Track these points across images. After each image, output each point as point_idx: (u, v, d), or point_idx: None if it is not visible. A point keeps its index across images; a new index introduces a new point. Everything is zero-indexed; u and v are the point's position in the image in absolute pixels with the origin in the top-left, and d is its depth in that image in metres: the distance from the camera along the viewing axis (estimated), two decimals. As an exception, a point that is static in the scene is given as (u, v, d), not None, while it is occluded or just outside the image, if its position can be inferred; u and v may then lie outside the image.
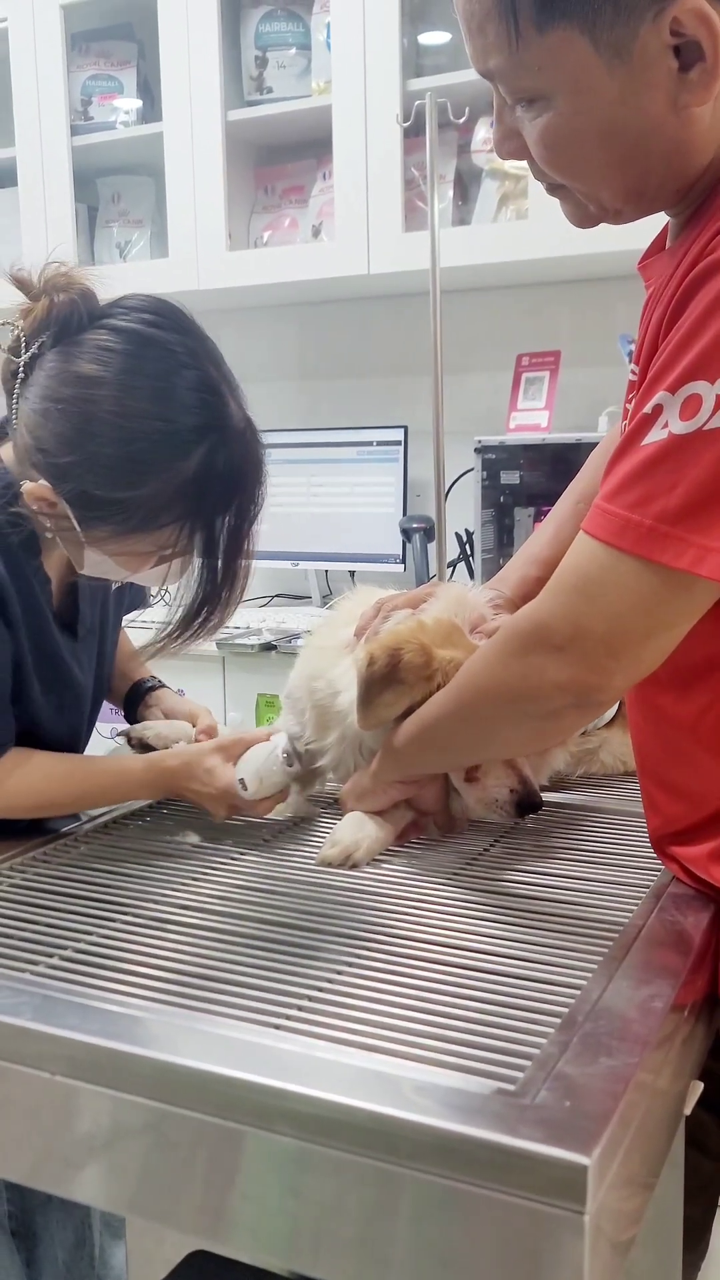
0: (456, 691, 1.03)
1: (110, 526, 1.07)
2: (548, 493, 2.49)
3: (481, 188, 2.56)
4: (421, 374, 2.49)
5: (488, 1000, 0.81)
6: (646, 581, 0.83)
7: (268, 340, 3.04)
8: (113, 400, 1.03)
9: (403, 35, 2.48)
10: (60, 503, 1.07)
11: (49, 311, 1.07)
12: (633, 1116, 0.70)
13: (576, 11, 0.83)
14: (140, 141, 2.86)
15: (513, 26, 0.85)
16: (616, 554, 0.84)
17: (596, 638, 0.86)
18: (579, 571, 0.87)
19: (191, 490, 1.05)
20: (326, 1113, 0.69)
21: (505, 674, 0.94)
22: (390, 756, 1.12)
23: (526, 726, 0.97)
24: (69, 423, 1.04)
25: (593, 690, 0.89)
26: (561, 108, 0.87)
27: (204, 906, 0.99)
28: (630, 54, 0.83)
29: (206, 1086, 0.72)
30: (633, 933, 0.92)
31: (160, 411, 1.04)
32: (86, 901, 1.00)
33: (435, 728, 1.05)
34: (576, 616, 0.87)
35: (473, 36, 0.89)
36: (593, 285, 2.67)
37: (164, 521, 1.07)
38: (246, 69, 2.73)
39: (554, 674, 0.89)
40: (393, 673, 1.08)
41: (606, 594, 0.85)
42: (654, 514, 0.82)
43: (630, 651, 0.87)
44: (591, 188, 0.92)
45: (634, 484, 0.83)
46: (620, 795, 1.31)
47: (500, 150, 0.95)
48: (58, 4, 2.83)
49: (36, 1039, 0.78)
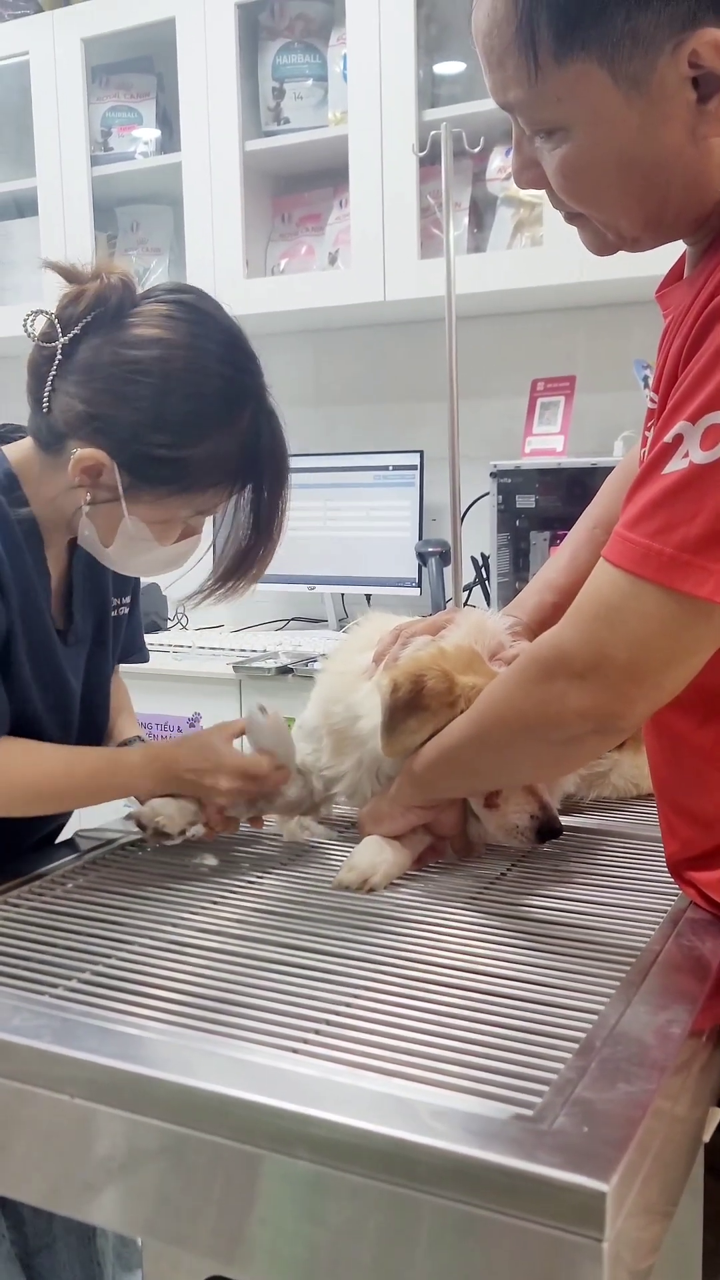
0: (477, 717, 1.03)
1: (162, 489, 1.14)
2: (563, 517, 2.49)
3: (496, 215, 2.58)
4: (437, 399, 2.50)
5: (505, 1025, 0.81)
6: (668, 609, 0.84)
7: (284, 366, 3.06)
8: (182, 359, 1.11)
9: (418, 66, 2.51)
10: (110, 468, 1.12)
11: (100, 291, 1.13)
12: (651, 1143, 0.70)
13: (596, 44, 0.84)
14: (159, 171, 2.90)
15: (532, 59, 0.86)
16: (638, 582, 0.84)
17: (618, 665, 0.87)
18: (600, 599, 0.88)
19: (239, 452, 1.15)
20: (344, 1137, 0.69)
21: (526, 701, 0.95)
22: (410, 781, 1.12)
23: (547, 753, 0.97)
24: (132, 387, 1.11)
25: (614, 716, 0.89)
26: (580, 139, 0.88)
27: (222, 930, 0.99)
28: (648, 86, 0.84)
29: (224, 1110, 0.72)
30: (650, 958, 0.92)
31: (221, 370, 1.13)
32: (105, 924, 1.01)
33: (456, 753, 1.06)
34: (598, 644, 0.87)
35: (492, 70, 0.90)
36: (608, 311, 2.69)
37: (214, 480, 1.15)
38: (264, 100, 2.77)
39: (575, 701, 0.89)
40: (417, 699, 1.08)
41: (628, 621, 0.85)
42: (675, 542, 0.82)
43: (651, 679, 0.87)
44: (610, 217, 0.93)
45: (655, 512, 0.83)
46: (635, 819, 1.30)
47: (519, 180, 0.97)
48: (79, 37, 2.88)
49: (56, 1062, 0.78)
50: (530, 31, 0.85)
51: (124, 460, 1.13)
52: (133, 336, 1.12)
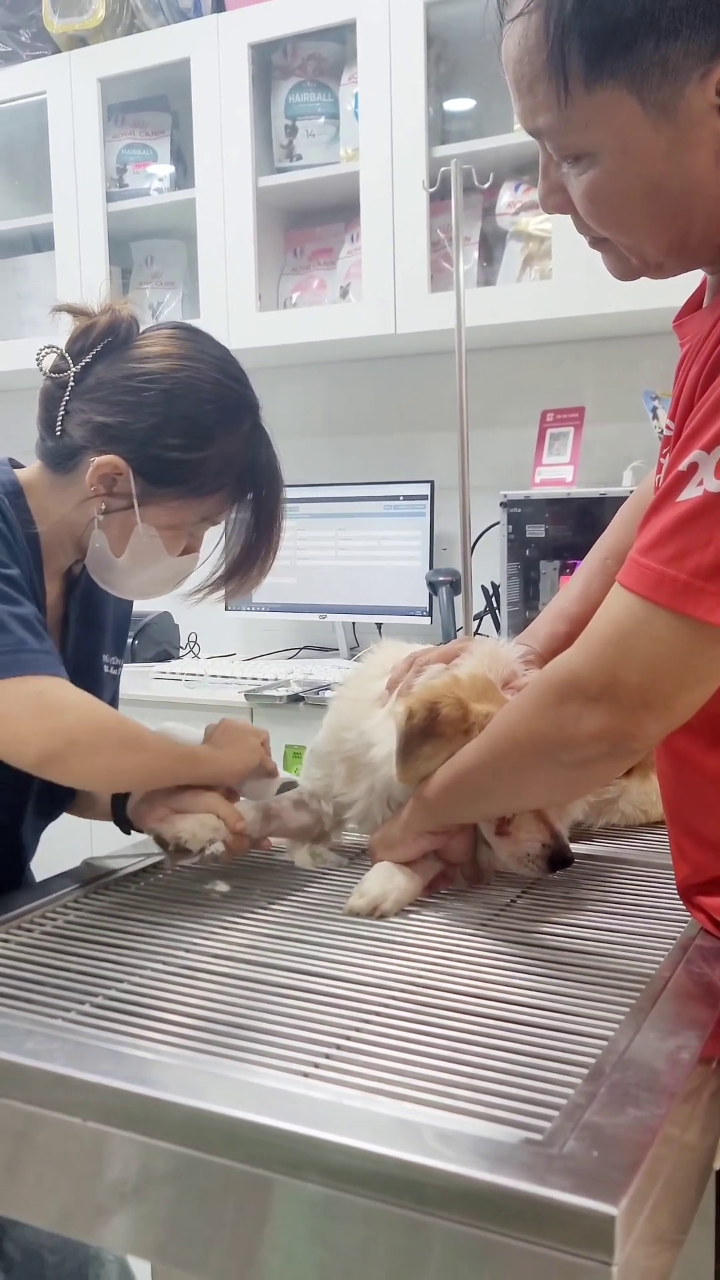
0: (490, 741, 1.04)
1: (173, 491, 1.22)
2: (573, 546, 2.51)
3: (506, 249, 2.61)
4: (447, 430, 2.53)
5: (515, 1050, 0.81)
6: (681, 635, 0.85)
7: (297, 398, 3.10)
8: (188, 369, 1.21)
9: (428, 104, 2.55)
10: (126, 473, 1.20)
11: (111, 323, 1.23)
12: (661, 1169, 0.70)
13: (625, 72, 0.85)
14: (173, 207, 2.94)
15: (562, 86, 0.87)
16: (652, 607, 0.85)
17: (630, 688, 0.87)
18: (614, 623, 0.89)
19: (243, 457, 1.24)
20: (355, 1161, 0.69)
21: (539, 723, 0.96)
22: (422, 806, 1.13)
23: (560, 775, 0.98)
24: (148, 395, 1.19)
25: (627, 739, 0.90)
26: (608, 165, 0.89)
27: (233, 955, 0.99)
28: (676, 113, 0.86)
29: (235, 1134, 0.73)
30: (660, 984, 0.92)
31: (223, 380, 1.23)
32: (118, 949, 1.02)
33: (468, 777, 1.07)
34: (611, 667, 0.88)
35: (522, 96, 0.91)
36: (616, 342, 2.71)
37: (221, 484, 1.23)
38: (276, 137, 2.82)
39: (589, 724, 0.90)
40: (432, 726, 1.09)
41: (641, 646, 0.86)
42: (689, 569, 0.83)
43: (663, 702, 0.88)
44: (635, 242, 0.94)
45: (669, 539, 0.85)
46: (644, 847, 1.31)
47: (545, 205, 0.98)
48: (95, 77, 2.93)
49: (69, 1085, 0.78)
50: (561, 59, 0.86)
51: (139, 464, 1.20)
52: (140, 353, 1.22)
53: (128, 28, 2.96)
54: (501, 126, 2.57)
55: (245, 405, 1.25)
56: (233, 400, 1.23)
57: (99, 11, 2.91)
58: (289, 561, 2.97)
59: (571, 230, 0.99)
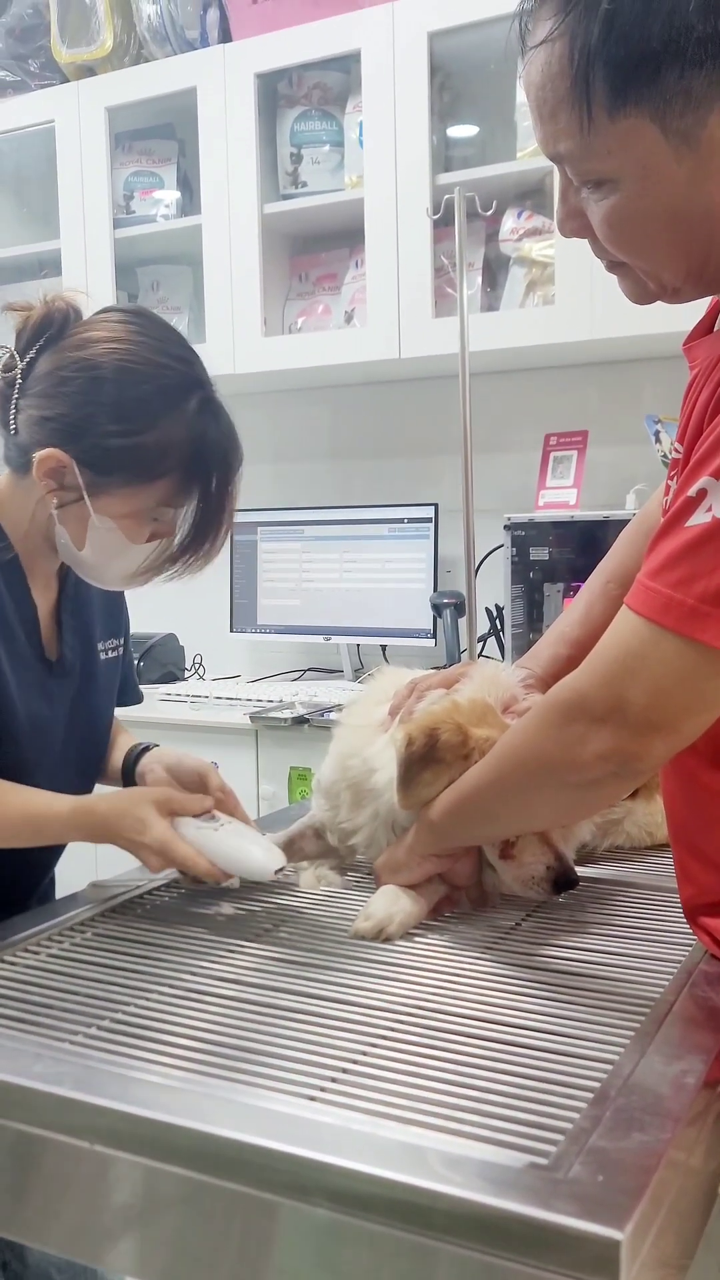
0: (495, 762, 1.04)
1: (120, 478, 1.19)
2: (576, 569, 2.52)
3: (509, 275, 2.64)
4: (451, 453, 2.54)
5: (521, 1074, 0.81)
6: (688, 658, 0.86)
7: (302, 421, 3.12)
8: (119, 352, 1.19)
9: (431, 132, 2.58)
10: (70, 466, 1.18)
11: (46, 314, 1.22)
12: (666, 1193, 0.71)
13: (649, 101, 0.86)
14: (179, 233, 2.97)
15: (585, 113, 0.88)
16: (659, 630, 0.86)
17: (637, 710, 0.88)
18: (621, 645, 0.89)
19: (189, 438, 1.19)
20: (361, 1185, 0.69)
21: (545, 744, 0.96)
22: (427, 829, 1.13)
23: (566, 796, 0.99)
24: (80, 383, 1.18)
25: (633, 760, 0.91)
26: (629, 191, 0.90)
27: (240, 978, 1.00)
28: (698, 142, 0.86)
29: (242, 1158, 0.73)
30: (664, 1008, 0.92)
31: (160, 361, 1.20)
32: (124, 972, 1.02)
33: (473, 799, 1.07)
34: (618, 689, 0.89)
35: (544, 122, 0.92)
36: (619, 367, 2.73)
37: (167, 468, 1.19)
38: (282, 165, 2.85)
39: (594, 745, 0.91)
40: (431, 752, 1.10)
41: (648, 668, 0.87)
42: (696, 594, 0.84)
43: (670, 724, 0.89)
44: (654, 267, 0.95)
45: (677, 563, 0.86)
46: (649, 870, 1.31)
47: (563, 229, 0.99)
48: (103, 106, 2.97)
49: (76, 1109, 0.79)
50: (585, 86, 0.87)
51: (81, 455, 1.18)
52: (77, 340, 1.21)
53: (135, 58, 3.00)
54: (504, 154, 2.60)
55: (188, 383, 1.20)
56: (171, 379, 1.19)
57: (107, 42, 2.95)
58: (294, 584, 2.98)
59: (574, 256, 1.01)
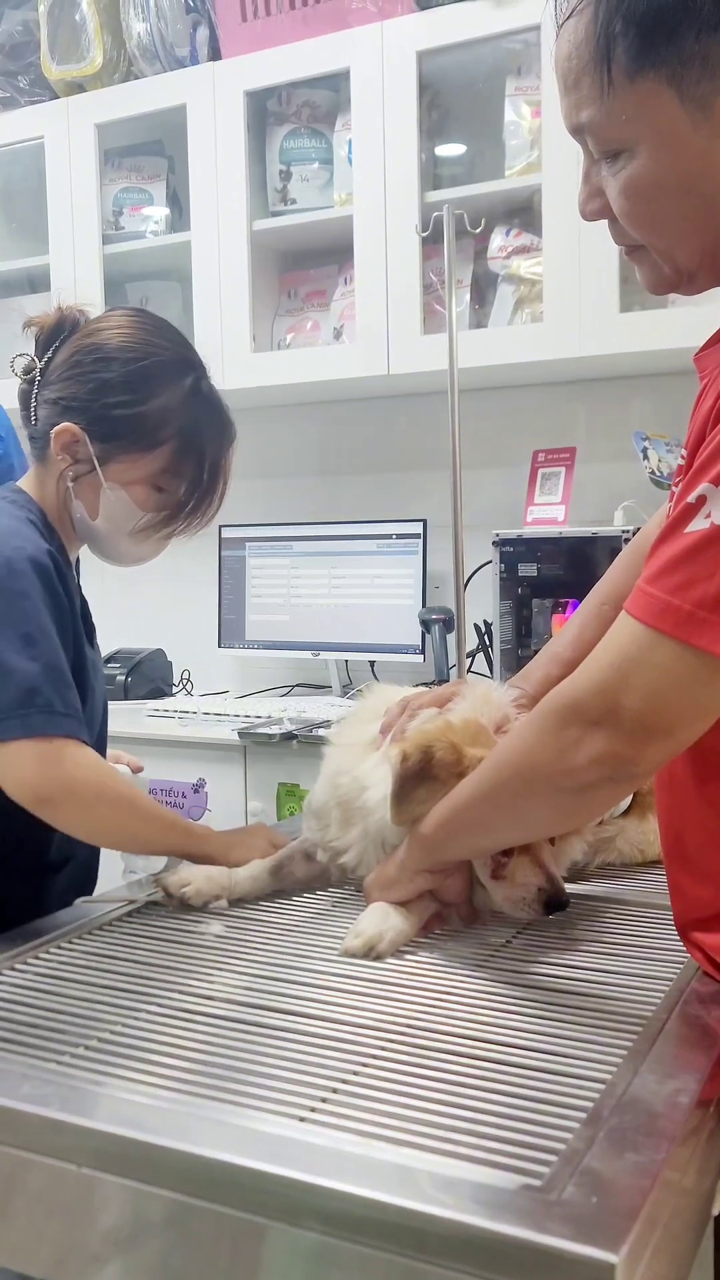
0: (489, 770, 1.04)
1: (123, 444, 1.32)
2: (565, 585, 2.52)
3: (498, 292, 2.64)
4: (440, 469, 2.54)
5: (513, 1093, 0.80)
6: (685, 664, 0.86)
7: (291, 437, 3.12)
8: (123, 336, 1.34)
9: (420, 150, 2.59)
10: (83, 438, 1.31)
11: (60, 319, 1.38)
12: (660, 1214, 0.70)
13: (666, 64, 0.87)
14: (169, 249, 2.98)
15: (605, 74, 0.90)
16: (656, 635, 0.86)
17: (632, 714, 0.88)
18: (618, 649, 0.90)
19: (186, 409, 1.33)
20: (352, 1208, 0.68)
21: (539, 748, 0.96)
22: (419, 844, 1.13)
23: (560, 802, 0.98)
24: (88, 364, 1.33)
25: (627, 763, 0.91)
26: (644, 159, 0.91)
27: (228, 997, 0.99)
28: (713, 111, 0.88)
29: (230, 1180, 0.72)
30: (657, 1026, 0.92)
31: (159, 342, 1.35)
32: (112, 991, 1.01)
33: (466, 809, 1.07)
34: (613, 692, 0.89)
35: (568, 92, 0.94)
36: (607, 384, 2.74)
37: (166, 436, 1.32)
38: (271, 182, 2.86)
39: (589, 748, 0.91)
40: (426, 769, 1.10)
41: (644, 673, 0.87)
42: (694, 600, 0.85)
43: (664, 729, 0.89)
44: (669, 245, 0.96)
45: (675, 569, 0.86)
46: (640, 887, 1.31)
47: (584, 210, 1.00)
48: (92, 123, 2.97)
49: (63, 1130, 0.78)
50: (607, 47, 0.89)
51: (90, 425, 1.32)
52: (86, 332, 1.36)
53: (125, 75, 3.01)
54: (493, 172, 2.61)
55: (185, 363, 1.36)
56: (169, 357, 1.34)
57: (96, 59, 2.96)
58: (282, 599, 2.98)
59: (562, 274, 1.01)
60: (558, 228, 2.42)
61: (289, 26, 2.71)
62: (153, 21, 2.89)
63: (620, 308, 2.38)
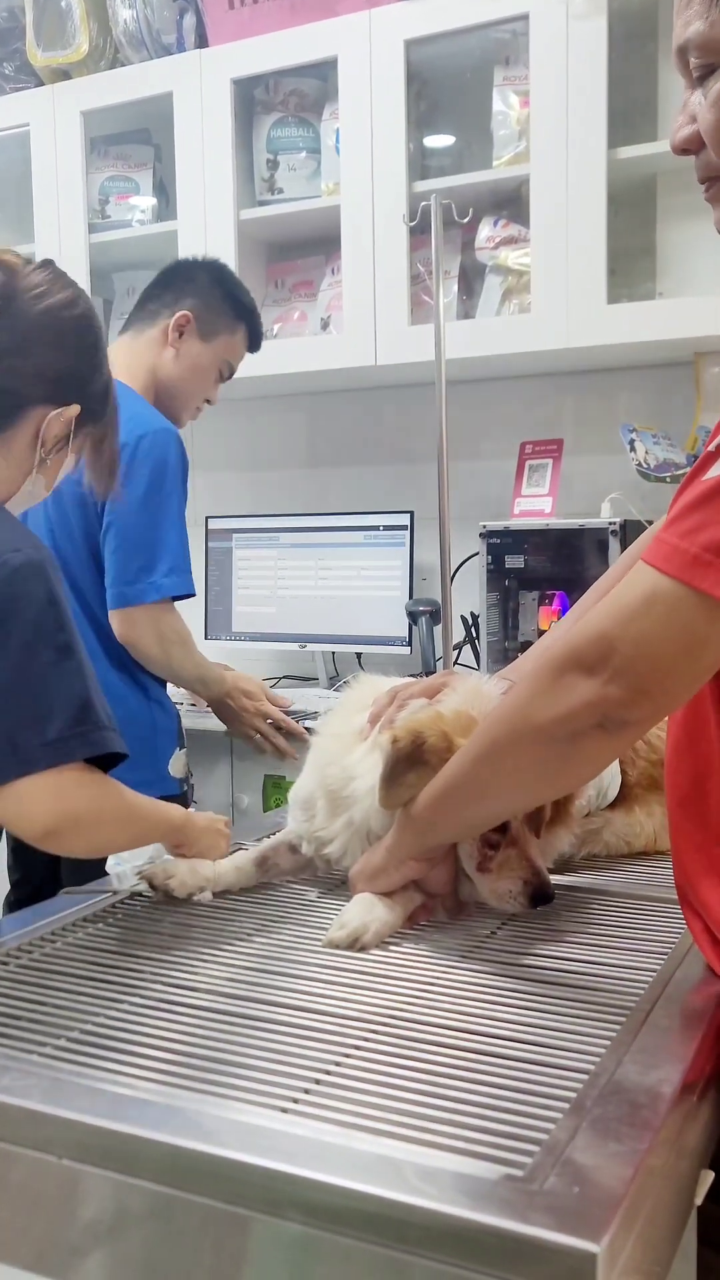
0: (482, 729, 1.05)
1: (90, 415, 1.36)
2: (552, 577, 2.52)
3: (485, 283, 2.64)
4: (427, 461, 2.54)
5: (496, 1084, 0.80)
6: (683, 604, 0.86)
7: (278, 428, 3.11)
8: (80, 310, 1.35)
9: (408, 140, 2.58)
10: (70, 414, 1.33)
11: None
12: (642, 1204, 0.70)
13: None
14: (155, 238, 2.96)
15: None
16: (659, 576, 0.87)
17: (625, 658, 0.88)
18: (621, 596, 0.90)
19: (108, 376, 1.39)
20: (334, 1199, 0.68)
21: (532, 697, 0.96)
22: (408, 826, 1.12)
23: (550, 753, 0.97)
24: (70, 340, 1.33)
25: (617, 707, 0.90)
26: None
27: (212, 988, 0.99)
28: None
29: (213, 1171, 0.72)
30: (641, 1016, 0.92)
31: (93, 313, 1.38)
32: (95, 982, 1.01)
33: (457, 777, 1.06)
34: (610, 638, 0.89)
35: (680, 11, 0.94)
36: (594, 376, 2.74)
37: (109, 400, 1.39)
38: (259, 171, 2.84)
39: (581, 692, 0.91)
40: (417, 753, 1.10)
41: (641, 615, 0.88)
42: (701, 543, 0.85)
43: (656, 674, 0.89)
44: None
45: (689, 515, 0.86)
46: (626, 878, 1.31)
47: (675, 140, 0.97)
48: (78, 110, 2.95)
49: (44, 1122, 0.77)
50: None
51: (81, 400, 1.35)
52: (39, 296, 1.32)
53: (111, 61, 2.99)
54: (481, 163, 2.60)
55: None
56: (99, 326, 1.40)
57: (82, 45, 2.94)
58: (269, 591, 2.97)
59: (550, 265, 1.01)
60: (545, 218, 2.41)
61: (276, 14, 2.69)
62: (139, 8, 2.87)
63: (608, 299, 2.38)
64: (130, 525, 1.99)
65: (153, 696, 2.14)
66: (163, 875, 1.23)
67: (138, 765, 2.05)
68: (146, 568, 2.00)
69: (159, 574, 2.00)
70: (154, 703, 2.14)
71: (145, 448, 1.99)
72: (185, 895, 1.23)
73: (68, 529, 2.06)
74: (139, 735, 2.11)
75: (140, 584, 1.99)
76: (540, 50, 2.40)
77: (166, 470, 2.02)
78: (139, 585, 1.99)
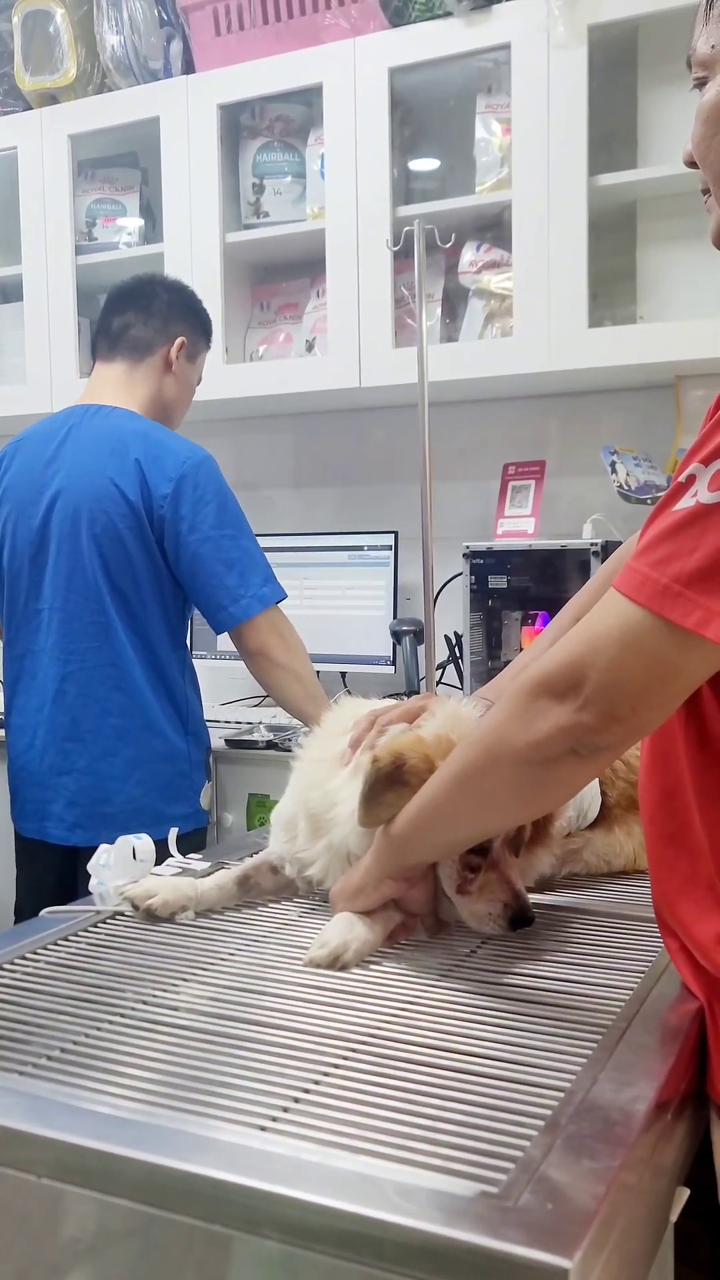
0: (458, 753, 1.06)
1: None
2: (535, 597, 2.54)
3: (468, 306, 2.67)
4: (411, 482, 2.56)
5: (473, 1102, 0.81)
6: (654, 635, 0.87)
7: (263, 449, 3.13)
8: None
9: (392, 165, 2.61)
10: None
11: None
12: (616, 1220, 0.71)
13: None
14: (142, 261, 2.97)
15: (708, 2, 0.94)
16: (631, 606, 0.88)
17: (597, 685, 0.90)
18: (592, 624, 0.91)
19: None
20: (310, 1216, 0.69)
21: (506, 722, 0.97)
22: (388, 845, 1.13)
23: (525, 777, 0.98)
24: None
25: (589, 734, 0.91)
26: (716, 84, 0.94)
27: (192, 1007, 0.99)
28: None
29: (193, 1189, 0.72)
30: (617, 1034, 0.93)
31: None
32: (76, 1001, 1.01)
33: (434, 798, 1.07)
34: (581, 664, 0.91)
35: (698, 23, 0.98)
36: (576, 399, 2.77)
37: None
38: (244, 195, 2.87)
39: (553, 717, 0.92)
40: (397, 773, 1.11)
41: (613, 644, 0.89)
42: (671, 574, 0.86)
43: (628, 702, 0.90)
44: (715, 173, 0.97)
45: (659, 545, 0.88)
46: (605, 897, 1.32)
47: (683, 154, 1.01)
48: (65, 134, 2.98)
49: (24, 1141, 0.78)
50: None
51: None
52: None
53: (98, 87, 3.01)
54: (464, 188, 2.64)
55: None
56: None
57: (70, 70, 2.96)
58: (254, 610, 2.98)
59: (532, 289, 1.03)
60: (528, 243, 2.44)
61: (262, 41, 2.73)
62: (126, 34, 2.89)
63: (589, 323, 2.41)
64: (216, 548, 2.08)
65: (190, 729, 2.17)
66: (145, 895, 1.24)
67: (178, 798, 2.15)
68: (244, 582, 2.09)
69: (257, 584, 2.11)
70: (191, 735, 2.17)
71: (204, 474, 2.10)
72: (168, 914, 1.24)
73: (127, 564, 2.10)
74: (180, 771, 2.15)
75: (246, 598, 2.09)
76: (522, 79, 2.43)
77: (225, 490, 2.13)
78: (244, 601, 2.09)
